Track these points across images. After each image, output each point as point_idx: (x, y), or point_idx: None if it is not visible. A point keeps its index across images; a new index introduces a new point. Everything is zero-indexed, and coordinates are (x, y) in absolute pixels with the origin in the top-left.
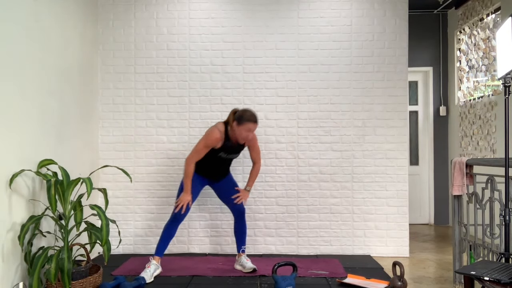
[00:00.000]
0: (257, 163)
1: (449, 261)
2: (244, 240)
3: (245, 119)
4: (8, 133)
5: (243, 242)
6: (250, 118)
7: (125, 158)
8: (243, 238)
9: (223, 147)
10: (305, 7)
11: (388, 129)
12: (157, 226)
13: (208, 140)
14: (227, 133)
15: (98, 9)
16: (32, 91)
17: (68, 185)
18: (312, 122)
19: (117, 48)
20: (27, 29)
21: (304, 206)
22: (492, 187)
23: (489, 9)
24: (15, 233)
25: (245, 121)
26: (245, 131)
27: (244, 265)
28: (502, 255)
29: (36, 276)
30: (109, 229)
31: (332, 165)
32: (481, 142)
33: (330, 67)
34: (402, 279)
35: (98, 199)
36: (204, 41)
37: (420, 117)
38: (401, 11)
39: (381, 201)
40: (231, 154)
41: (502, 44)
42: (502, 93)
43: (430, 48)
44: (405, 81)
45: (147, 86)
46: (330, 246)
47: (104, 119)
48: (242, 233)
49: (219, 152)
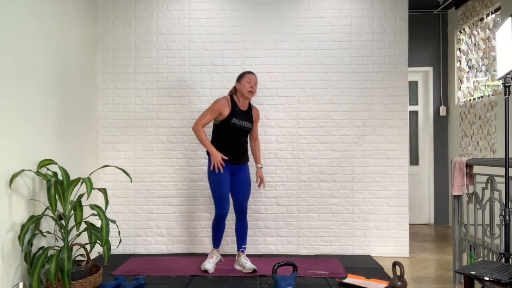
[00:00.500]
0: (257, 140)
1: (449, 261)
2: (244, 240)
3: (243, 73)
4: (8, 133)
5: (243, 242)
6: (248, 71)
7: (125, 158)
8: (243, 238)
9: (232, 112)
10: (305, 7)
11: (388, 129)
12: (157, 226)
13: (214, 106)
14: (233, 100)
15: (98, 9)
16: (32, 91)
17: (68, 185)
18: (312, 122)
19: (117, 48)
20: (27, 29)
21: (304, 206)
22: (492, 187)
23: (489, 9)
24: (15, 233)
25: (245, 74)
26: (246, 82)
27: (244, 265)
28: (502, 255)
29: (36, 276)
30: (109, 229)
31: (332, 165)
32: (481, 142)
33: (330, 67)
34: (402, 279)
35: (98, 199)
36: (204, 41)
37: (420, 117)
38: (401, 11)
39: (381, 201)
40: (243, 121)
41: (502, 44)
42: (502, 93)
43: (430, 48)
44: (405, 81)
45: (147, 86)
46: (330, 246)
47: (104, 119)
48: (243, 232)
49: (231, 119)
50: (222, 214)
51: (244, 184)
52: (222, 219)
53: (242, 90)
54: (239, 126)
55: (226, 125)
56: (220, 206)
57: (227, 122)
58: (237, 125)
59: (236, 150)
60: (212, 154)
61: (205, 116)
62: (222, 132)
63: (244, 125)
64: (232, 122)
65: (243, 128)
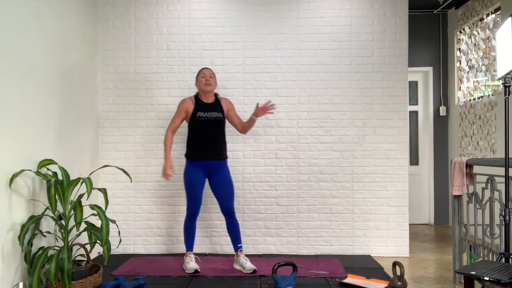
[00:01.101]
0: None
1: (449, 261)
2: (239, 239)
3: (199, 71)
4: (8, 133)
5: (239, 241)
6: (202, 68)
7: (125, 158)
8: (237, 237)
9: (196, 107)
10: (305, 7)
11: (388, 129)
12: (157, 226)
13: (179, 107)
14: (197, 98)
15: (98, 9)
16: (32, 91)
17: (68, 185)
18: (312, 122)
19: (117, 48)
20: (27, 29)
21: (304, 206)
22: (492, 187)
23: (489, 9)
24: (15, 233)
25: (198, 72)
26: (201, 77)
27: (244, 265)
28: (502, 255)
29: (36, 276)
30: (109, 229)
31: (332, 165)
32: (481, 142)
33: (330, 67)
34: (402, 279)
35: (98, 199)
36: (204, 41)
37: (420, 117)
38: (401, 11)
39: (381, 201)
40: (210, 111)
41: (502, 44)
42: (502, 93)
43: (430, 48)
44: (405, 81)
45: (147, 86)
46: (330, 246)
47: (104, 119)
48: (235, 231)
49: (196, 113)
50: (193, 212)
51: (224, 185)
52: (193, 217)
53: (200, 86)
54: (205, 118)
55: (194, 120)
56: (192, 205)
57: (193, 117)
58: (203, 117)
59: (209, 144)
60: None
61: (174, 120)
62: (193, 129)
63: (212, 115)
64: (198, 116)
65: (211, 119)
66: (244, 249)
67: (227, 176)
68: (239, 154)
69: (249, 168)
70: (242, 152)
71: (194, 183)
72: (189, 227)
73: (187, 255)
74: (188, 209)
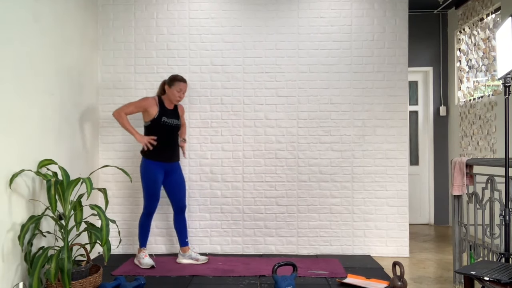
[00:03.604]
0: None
1: (449, 261)
2: (187, 234)
3: (176, 80)
4: (8, 133)
5: (186, 236)
6: (181, 79)
7: (125, 158)
8: (185, 232)
9: (161, 111)
10: (305, 7)
11: (388, 129)
12: (157, 226)
13: (141, 101)
14: (161, 101)
15: (98, 9)
16: (32, 91)
17: (68, 185)
18: (312, 122)
19: (117, 48)
20: (27, 29)
21: (304, 206)
22: (492, 187)
23: (489, 9)
24: (15, 233)
25: (176, 81)
26: (176, 91)
27: (198, 257)
28: (502, 255)
29: (36, 276)
30: (109, 229)
31: (332, 165)
32: (481, 142)
33: (330, 67)
34: (402, 279)
35: (98, 199)
36: (204, 41)
37: (420, 117)
38: (401, 11)
39: (381, 201)
40: (172, 118)
41: (502, 44)
42: (502, 93)
43: (430, 48)
44: (405, 81)
45: (147, 86)
46: (330, 246)
47: (104, 119)
48: (183, 226)
49: (161, 118)
50: (151, 211)
51: (180, 184)
52: (151, 215)
53: (171, 97)
54: (169, 123)
55: (158, 124)
56: (150, 203)
57: (158, 121)
58: (167, 123)
59: (171, 148)
60: (137, 139)
61: (129, 107)
62: (155, 132)
63: (173, 122)
64: (163, 121)
65: (173, 125)
66: (244, 249)
67: (182, 176)
68: (239, 154)
69: (249, 168)
70: (242, 152)
71: (156, 182)
72: (145, 224)
73: (141, 251)
74: (147, 207)
